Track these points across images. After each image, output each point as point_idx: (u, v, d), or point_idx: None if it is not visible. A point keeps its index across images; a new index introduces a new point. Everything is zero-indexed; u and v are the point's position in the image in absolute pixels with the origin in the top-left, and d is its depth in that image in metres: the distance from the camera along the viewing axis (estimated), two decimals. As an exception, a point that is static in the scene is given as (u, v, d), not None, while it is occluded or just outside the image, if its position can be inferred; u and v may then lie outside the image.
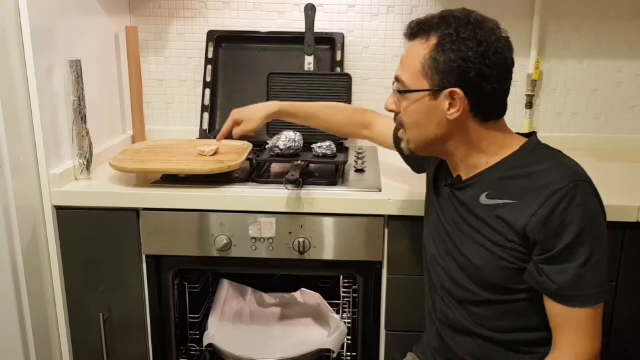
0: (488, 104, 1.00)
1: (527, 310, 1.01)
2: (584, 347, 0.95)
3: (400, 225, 1.36)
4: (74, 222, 1.41)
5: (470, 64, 0.96)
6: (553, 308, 0.97)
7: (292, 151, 1.51)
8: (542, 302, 0.99)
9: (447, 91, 0.98)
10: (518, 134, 1.08)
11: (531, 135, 1.06)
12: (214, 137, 1.80)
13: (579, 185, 0.93)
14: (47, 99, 1.37)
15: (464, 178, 1.08)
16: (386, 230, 1.38)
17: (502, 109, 1.03)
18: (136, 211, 1.40)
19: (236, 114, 1.41)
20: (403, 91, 1.03)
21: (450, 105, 0.99)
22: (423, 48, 0.99)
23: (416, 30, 1.01)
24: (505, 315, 1.03)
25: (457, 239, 1.08)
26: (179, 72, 1.93)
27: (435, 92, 0.99)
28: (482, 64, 0.96)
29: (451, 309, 1.11)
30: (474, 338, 1.08)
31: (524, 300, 1.01)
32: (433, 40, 0.98)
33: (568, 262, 0.94)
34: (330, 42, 1.85)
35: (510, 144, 1.04)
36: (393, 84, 1.06)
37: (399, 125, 1.09)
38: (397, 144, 1.29)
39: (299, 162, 1.44)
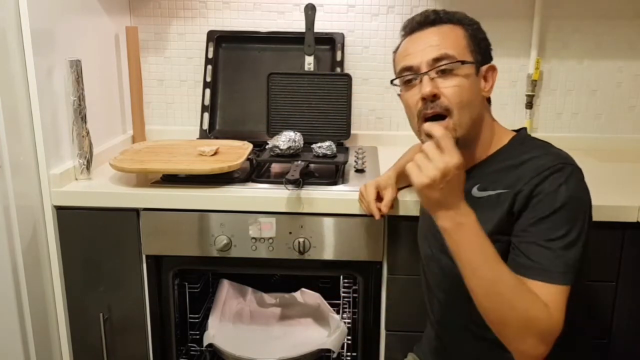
0: None
1: None
2: (553, 321, 0.90)
3: (400, 225, 1.36)
4: (74, 222, 1.41)
5: (489, 47, 1.07)
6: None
7: (292, 151, 1.51)
8: None
9: (486, 66, 1.05)
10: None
11: (520, 130, 1.10)
12: (214, 137, 1.81)
13: (566, 167, 0.95)
14: (47, 99, 1.37)
15: None
16: (386, 230, 1.38)
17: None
18: (136, 211, 1.40)
19: (372, 187, 1.29)
20: (464, 62, 1.01)
21: (485, 84, 1.05)
22: (456, 29, 1.04)
23: (435, 17, 1.05)
24: None
25: None
26: (179, 72, 1.93)
27: (478, 68, 1.04)
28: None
29: (448, 308, 1.11)
30: (470, 338, 1.08)
31: None
32: (459, 25, 1.04)
33: (537, 233, 0.93)
34: (330, 42, 1.85)
35: (501, 137, 1.08)
36: (417, 71, 1.02)
37: (442, 112, 1.01)
38: None
39: (299, 162, 1.44)
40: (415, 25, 1.06)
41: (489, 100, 1.10)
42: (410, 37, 1.06)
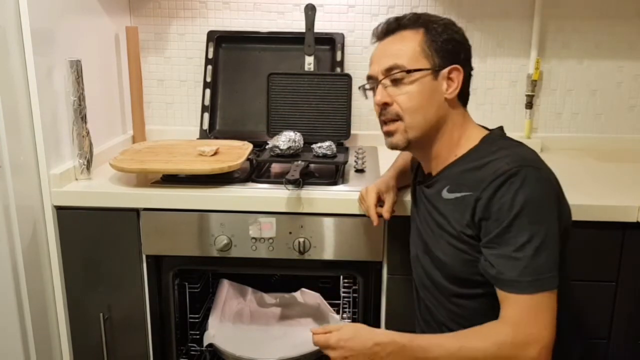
0: (468, 87, 1.09)
1: (497, 304, 1.00)
2: (521, 335, 0.91)
3: (400, 225, 1.36)
4: (74, 222, 1.41)
5: (459, 45, 1.07)
6: (497, 294, 0.96)
7: (292, 151, 1.51)
8: None
9: (447, 69, 1.05)
10: (484, 127, 1.12)
11: (493, 130, 1.10)
12: (214, 137, 1.81)
13: (521, 170, 0.95)
14: (47, 99, 1.37)
15: (433, 174, 1.11)
16: (386, 230, 1.38)
17: (468, 96, 1.11)
18: (136, 211, 1.40)
19: (374, 192, 1.28)
20: (410, 70, 1.04)
21: (448, 85, 1.05)
22: (415, 34, 1.06)
23: (396, 25, 1.08)
24: (481, 310, 1.03)
25: (428, 237, 1.11)
26: (179, 72, 1.93)
27: (436, 72, 1.04)
28: (466, 46, 1.08)
29: (432, 308, 1.13)
30: None
31: (493, 295, 0.99)
32: (421, 29, 1.06)
33: (505, 245, 0.94)
34: (330, 42, 1.85)
35: (475, 136, 1.08)
36: (376, 80, 1.08)
37: (394, 117, 1.08)
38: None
39: (299, 162, 1.44)
40: (379, 34, 1.11)
41: (465, 99, 1.10)
42: (376, 45, 1.12)
